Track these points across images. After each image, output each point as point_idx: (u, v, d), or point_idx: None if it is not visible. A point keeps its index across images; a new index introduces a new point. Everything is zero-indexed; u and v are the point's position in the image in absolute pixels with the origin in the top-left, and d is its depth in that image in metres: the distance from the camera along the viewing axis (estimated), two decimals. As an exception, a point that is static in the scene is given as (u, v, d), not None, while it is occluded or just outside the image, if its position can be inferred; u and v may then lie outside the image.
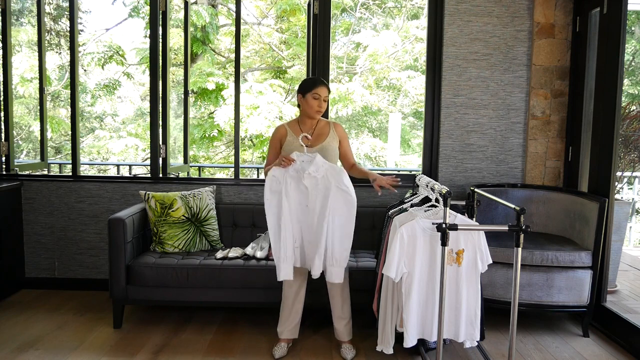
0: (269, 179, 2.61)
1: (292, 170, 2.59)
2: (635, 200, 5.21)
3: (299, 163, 2.59)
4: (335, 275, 2.60)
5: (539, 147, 3.63)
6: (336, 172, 2.59)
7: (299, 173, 2.58)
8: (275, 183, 2.61)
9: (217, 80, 8.19)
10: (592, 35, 3.38)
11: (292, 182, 2.59)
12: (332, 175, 2.58)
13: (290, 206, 2.59)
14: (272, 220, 2.61)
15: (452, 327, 2.47)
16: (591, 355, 2.80)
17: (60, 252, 3.73)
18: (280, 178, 2.60)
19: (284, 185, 2.58)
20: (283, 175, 2.59)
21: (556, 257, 2.94)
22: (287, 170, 2.59)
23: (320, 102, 2.67)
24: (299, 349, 2.81)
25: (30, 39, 8.45)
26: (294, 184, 2.59)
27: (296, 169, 2.59)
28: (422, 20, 9.18)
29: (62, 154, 9.82)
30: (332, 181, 2.57)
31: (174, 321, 3.17)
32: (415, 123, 9.87)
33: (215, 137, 8.62)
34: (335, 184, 2.57)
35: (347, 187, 2.57)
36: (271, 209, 2.61)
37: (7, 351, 2.71)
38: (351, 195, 2.57)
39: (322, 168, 2.58)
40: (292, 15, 8.97)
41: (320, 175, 2.57)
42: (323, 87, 2.69)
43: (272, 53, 9.45)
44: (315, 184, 2.58)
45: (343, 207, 2.58)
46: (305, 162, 2.58)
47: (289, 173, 2.59)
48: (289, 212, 2.58)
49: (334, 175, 2.58)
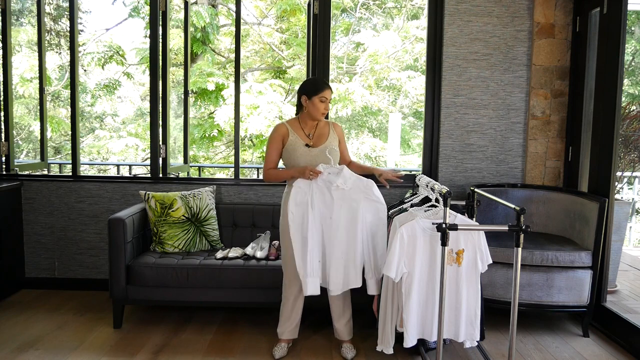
0: (294, 191, 2.57)
1: (320, 181, 2.56)
2: (635, 200, 5.21)
3: (325, 175, 2.56)
4: (372, 287, 2.62)
5: (539, 147, 3.63)
6: (364, 184, 2.58)
7: (327, 185, 2.56)
8: (300, 194, 2.56)
9: (217, 80, 8.19)
10: (592, 35, 3.38)
11: (318, 193, 2.56)
12: (359, 187, 2.57)
13: (315, 220, 2.55)
14: (297, 233, 2.55)
15: (452, 327, 2.47)
16: (591, 355, 2.80)
17: (60, 252, 3.73)
18: (306, 189, 2.56)
19: (309, 196, 2.55)
20: (310, 186, 2.56)
21: (556, 257, 2.94)
22: (314, 181, 2.56)
23: (327, 104, 2.69)
24: (299, 349, 2.81)
25: (30, 39, 8.45)
26: (319, 196, 2.56)
27: (324, 180, 2.56)
28: (422, 20, 9.18)
29: (62, 154, 9.82)
30: (361, 194, 2.56)
31: (174, 321, 3.17)
32: (415, 123, 9.87)
33: (215, 137, 8.62)
34: (364, 196, 2.56)
35: (378, 197, 2.59)
36: (295, 221, 2.55)
37: (7, 351, 2.71)
38: (382, 204, 2.61)
39: (350, 180, 2.57)
40: (292, 15, 8.97)
41: (348, 187, 2.56)
42: (329, 90, 2.70)
43: (272, 53, 9.45)
44: (342, 196, 2.55)
45: (375, 218, 2.59)
46: (332, 174, 2.56)
47: (317, 184, 2.56)
48: (314, 223, 2.54)
49: (362, 188, 2.57)
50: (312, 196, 2.55)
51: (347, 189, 2.55)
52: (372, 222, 2.59)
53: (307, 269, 2.53)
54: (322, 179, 2.56)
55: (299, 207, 2.56)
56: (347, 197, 2.55)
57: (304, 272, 2.54)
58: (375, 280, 2.61)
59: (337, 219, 2.54)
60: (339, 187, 2.53)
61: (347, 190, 2.55)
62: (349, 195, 2.55)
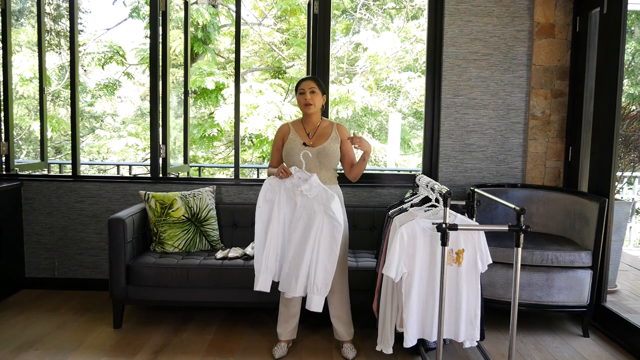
0: (265, 187, 2.61)
1: (289, 183, 2.58)
2: (635, 200, 5.21)
3: (295, 178, 2.57)
4: (315, 304, 2.48)
5: (539, 147, 3.63)
6: (327, 196, 2.51)
7: (294, 188, 2.57)
8: (270, 192, 2.61)
9: (217, 80, 8.19)
10: (592, 35, 3.38)
11: (285, 194, 2.59)
12: (321, 198, 2.52)
13: (280, 220, 2.58)
14: (260, 228, 2.60)
15: (452, 327, 2.47)
16: (591, 355, 2.80)
17: (60, 252, 3.73)
18: (275, 187, 2.60)
19: (277, 195, 2.58)
20: (279, 185, 2.59)
21: (556, 257, 2.94)
22: (283, 181, 2.58)
23: (306, 96, 2.68)
24: (299, 349, 2.81)
25: (30, 39, 8.45)
26: (285, 197, 2.59)
27: (293, 183, 2.57)
28: (422, 20, 9.18)
29: (62, 154, 9.82)
30: (321, 205, 2.51)
31: (174, 321, 3.17)
32: (415, 123, 9.88)
33: (214, 136, 8.62)
34: (323, 208, 2.50)
35: (334, 213, 2.47)
36: (261, 217, 2.60)
37: (7, 351, 2.71)
38: (338, 221, 2.48)
39: (315, 189, 2.53)
40: (292, 15, 8.97)
41: (312, 195, 2.53)
42: (305, 81, 2.71)
43: (272, 53, 9.45)
44: (304, 204, 2.54)
45: (328, 234, 2.49)
46: (302, 179, 2.56)
47: (285, 185, 2.58)
48: (277, 223, 2.57)
49: (323, 200, 2.51)
50: (280, 196, 2.58)
51: (310, 196, 2.53)
52: (327, 238, 2.49)
53: (262, 264, 2.57)
54: (291, 182, 2.57)
55: (267, 203, 2.60)
56: (309, 205, 2.53)
57: (258, 267, 2.58)
58: (318, 297, 2.48)
59: (295, 224, 2.55)
60: (303, 193, 2.53)
61: (310, 198, 2.53)
62: (310, 204, 2.53)
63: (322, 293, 2.50)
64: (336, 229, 2.49)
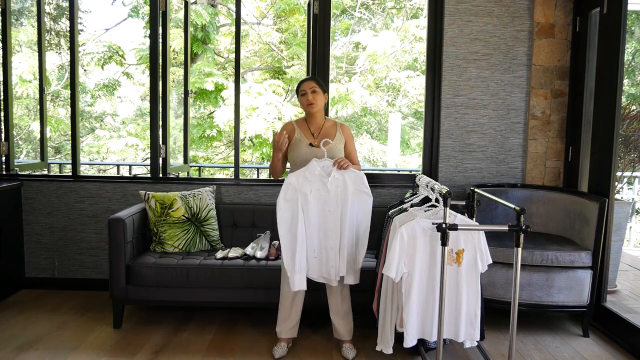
0: (284, 187, 2.59)
1: (309, 174, 2.57)
2: (635, 200, 5.21)
3: (319, 168, 2.57)
4: (353, 277, 2.66)
5: (539, 147, 3.63)
6: (356, 175, 2.62)
7: (322, 178, 2.57)
8: (291, 191, 2.58)
9: (217, 81, 8.19)
10: (592, 35, 3.38)
11: (311, 189, 2.57)
12: (351, 178, 2.59)
13: (309, 215, 2.57)
14: (284, 229, 2.58)
15: (452, 327, 2.47)
16: (591, 355, 2.81)
17: (60, 252, 3.73)
18: (296, 185, 2.57)
19: (300, 192, 2.56)
20: (300, 182, 2.57)
21: (556, 257, 2.94)
22: (305, 176, 2.57)
23: (308, 96, 2.69)
24: (299, 349, 2.81)
25: (30, 39, 8.45)
26: (313, 191, 2.57)
27: (319, 174, 2.57)
28: (421, 20, 9.18)
29: (62, 154, 9.82)
30: (352, 185, 2.59)
31: (174, 321, 3.17)
32: (415, 123, 9.87)
33: (214, 137, 8.62)
34: (355, 187, 2.59)
35: (368, 189, 2.63)
36: (284, 217, 2.58)
37: (7, 351, 2.71)
38: (370, 196, 2.64)
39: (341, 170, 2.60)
40: (292, 15, 8.96)
41: (342, 178, 2.59)
42: (305, 82, 2.72)
43: (271, 53, 9.44)
44: (336, 188, 2.58)
45: (362, 211, 2.63)
46: (326, 166, 2.58)
47: (307, 179, 2.57)
48: (303, 221, 2.56)
49: (354, 179, 2.60)
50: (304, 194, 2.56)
51: (340, 180, 2.58)
52: (361, 215, 2.63)
53: (295, 265, 2.56)
54: (313, 173, 2.57)
55: (288, 203, 2.58)
56: (341, 188, 2.59)
57: (290, 268, 2.57)
58: (354, 270, 2.65)
59: (335, 210, 2.58)
60: (335, 177, 2.57)
61: (342, 181, 2.58)
62: (342, 187, 2.59)
63: (360, 265, 2.65)
64: (368, 204, 2.64)
